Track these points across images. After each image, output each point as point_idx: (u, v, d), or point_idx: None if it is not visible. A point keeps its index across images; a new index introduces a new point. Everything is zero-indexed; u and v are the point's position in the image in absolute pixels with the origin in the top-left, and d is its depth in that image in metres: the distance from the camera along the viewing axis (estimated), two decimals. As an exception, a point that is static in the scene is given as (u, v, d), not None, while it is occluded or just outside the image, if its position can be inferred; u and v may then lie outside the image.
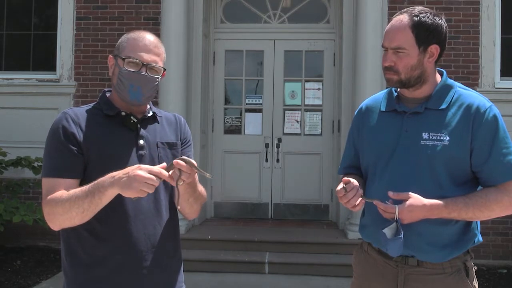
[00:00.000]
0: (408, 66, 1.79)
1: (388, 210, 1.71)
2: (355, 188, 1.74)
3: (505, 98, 5.71)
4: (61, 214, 1.56)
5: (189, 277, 4.70)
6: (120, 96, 1.73)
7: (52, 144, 1.66)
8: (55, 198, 1.57)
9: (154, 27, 5.94)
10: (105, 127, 1.71)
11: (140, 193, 1.48)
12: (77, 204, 1.53)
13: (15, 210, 4.94)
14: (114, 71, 1.74)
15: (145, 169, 1.48)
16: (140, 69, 1.70)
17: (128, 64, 1.70)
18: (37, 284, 4.86)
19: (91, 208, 1.53)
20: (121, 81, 1.70)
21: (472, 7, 5.92)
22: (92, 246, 1.66)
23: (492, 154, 1.75)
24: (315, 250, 5.42)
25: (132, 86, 1.69)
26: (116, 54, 1.74)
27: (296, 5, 6.58)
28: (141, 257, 1.68)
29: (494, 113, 1.78)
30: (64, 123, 1.66)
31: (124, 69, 1.70)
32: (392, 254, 1.78)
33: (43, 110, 6.16)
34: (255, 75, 6.72)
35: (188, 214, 1.83)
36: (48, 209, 1.59)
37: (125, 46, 1.72)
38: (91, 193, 1.52)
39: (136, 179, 1.46)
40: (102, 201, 1.53)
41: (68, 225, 1.60)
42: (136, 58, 1.69)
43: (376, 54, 5.40)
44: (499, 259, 5.76)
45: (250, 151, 6.57)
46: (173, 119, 1.89)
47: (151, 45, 1.72)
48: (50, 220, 1.61)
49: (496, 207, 1.75)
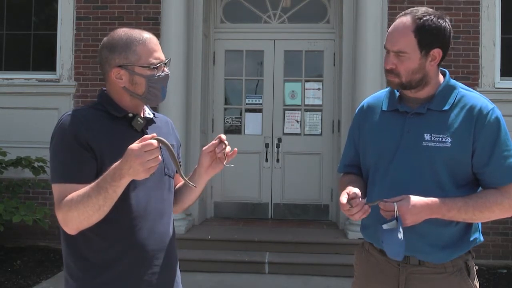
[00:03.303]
0: (409, 69, 1.77)
1: (386, 208, 1.71)
2: (360, 203, 1.72)
3: (505, 98, 5.71)
4: (77, 217, 1.54)
5: (189, 277, 4.73)
6: (150, 100, 1.72)
7: (63, 148, 1.61)
8: (67, 203, 1.55)
9: (154, 27, 5.94)
10: (114, 128, 1.69)
11: (151, 171, 1.49)
12: (91, 203, 1.52)
13: (15, 210, 4.94)
14: (135, 80, 1.68)
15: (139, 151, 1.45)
16: (163, 69, 1.72)
17: (152, 70, 1.68)
18: (37, 284, 4.85)
19: (107, 203, 1.52)
20: (153, 87, 1.69)
21: (472, 7, 5.92)
22: (102, 249, 1.64)
23: (494, 157, 1.75)
24: (315, 250, 5.42)
25: (164, 88, 1.73)
26: (124, 64, 1.67)
27: (296, 5, 6.58)
28: (152, 256, 1.69)
29: (497, 115, 1.78)
30: (74, 127, 1.62)
31: (154, 76, 1.68)
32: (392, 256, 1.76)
33: (43, 110, 6.16)
34: (255, 75, 6.72)
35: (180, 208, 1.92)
36: (62, 215, 1.57)
37: (138, 53, 1.67)
38: (103, 189, 1.50)
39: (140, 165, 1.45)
40: (117, 193, 1.52)
41: (85, 226, 1.57)
42: (160, 61, 1.69)
43: (376, 54, 5.40)
44: (499, 259, 5.76)
45: (250, 151, 6.57)
46: (166, 120, 1.92)
47: (156, 43, 1.73)
48: (67, 225, 1.58)
49: (496, 209, 1.75)
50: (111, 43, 1.70)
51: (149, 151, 1.45)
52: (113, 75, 1.69)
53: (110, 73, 1.69)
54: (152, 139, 1.47)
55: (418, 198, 1.72)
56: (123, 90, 1.70)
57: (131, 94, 1.71)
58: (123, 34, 1.70)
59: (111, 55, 1.68)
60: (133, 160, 1.45)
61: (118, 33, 1.71)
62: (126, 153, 1.47)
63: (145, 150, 1.44)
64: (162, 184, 1.76)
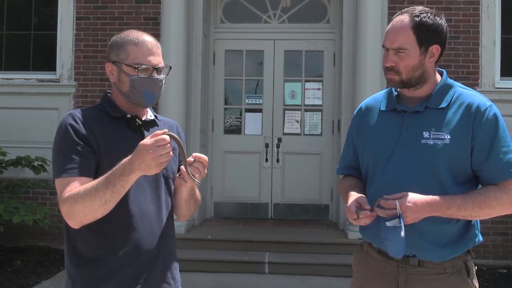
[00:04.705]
0: (410, 66, 1.79)
1: (388, 206, 1.71)
2: (369, 217, 1.74)
3: (505, 98, 5.71)
4: (82, 210, 1.55)
5: (189, 277, 4.73)
6: (134, 101, 1.73)
7: (64, 144, 1.64)
8: (73, 195, 1.56)
9: (154, 27, 5.94)
10: (112, 128, 1.71)
11: (163, 166, 1.51)
12: (98, 196, 1.52)
13: (15, 210, 4.94)
14: (121, 78, 1.73)
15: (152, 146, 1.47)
16: (151, 73, 1.71)
17: (139, 71, 1.70)
18: (37, 284, 4.85)
19: (114, 198, 1.54)
20: (135, 88, 1.70)
21: (472, 7, 5.92)
22: (97, 246, 1.66)
23: (492, 153, 1.76)
24: (315, 250, 5.42)
25: (147, 91, 1.71)
26: (116, 60, 1.72)
27: (296, 5, 6.58)
28: (148, 255, 1.70)
29: (494, 112, 1.79)
30: (73, 124, 1.65)
31: (136, 76, 1.70)
32: (392, 254, 1.76)
33: (43, 110, 6.16)
34: (255, 75, 6.72)
35: (184, 216, 1.89)
36: (66, 207, 1.58)
37: (128, 52, 1.71)
38: (111, 183, 1.52)
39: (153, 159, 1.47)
40: (125, 188, 1.54)
41: (89, 220, 1.58)
42: (147, 64, 1.70)
43: (376, 54, 5.40)
44: (499, 259, 5.76)
45: (250, 151, 6.58)
46: (172, 124, 1.93)
47: (153, 47, 1.73)
48: (70, 218, 1.59)
49: (495, 205, 1.75)
50: (113, 40, 1.78)
51: (162, 146, 1.48)
52: (107, 70, 1.76)
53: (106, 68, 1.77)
54: (163, 134, 1.50)
55: (418, 195, 1.72)
56: (116, 89, 1.76)
57: (119, 92, 1.75)
58: (126, 34, 1.76)
59: (109, 51, 1.77)
60: (145, 155, 1.47)
61: (124, 32, 1.78)
62: (137, 148, 1.50)
63: (158, 145, 1.47)
64: (159, 185, 1.77)
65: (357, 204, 1.77)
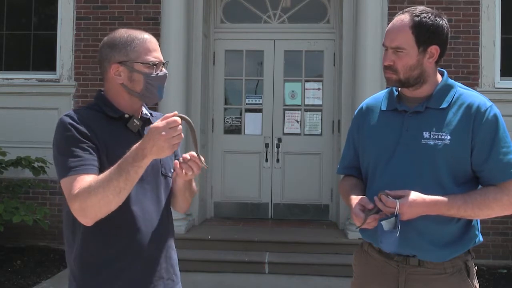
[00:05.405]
0: (407, 66, 1.79)
1: (388, 204, 1.71)
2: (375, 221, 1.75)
3: (505, 98, 5.71)
4: (96, 203, 1.51)
5: (189, 277, 4.74)
6: (147, 99, 1.74)
7: (67, 143, 1.61)
8: (84, 190, 1.52)
9: (154, 27, 5.94)
10: (110, 128, 1.70)
11: (175, 147, 1.53)
12: (112, 186, 1.50)
13: (15, 210, 4.94)
14: (134, 77, 1.70)
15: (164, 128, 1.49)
16: (161, 69, 1.74)
17: (151, 67, 1.71)
18: (37, 284, 4.85)
19: (127, 185, 1.52)
20: (151, 85, 1.71)
21: (472, 7, 5.92)
22: (100, 248, 1.65)
23: (492, 153, 1.76)
24: (315, 250, 5.42)
25: (160, 87, 1.74)
26: (124, 60, 1.70)
27: (296, 5, 6.58)
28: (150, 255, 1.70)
29: (495, 112, 1.79)
30: (74, 123, 1.64)
31: (153, 74, 1.71)
32: (385, 248, 1.78)
33: (43, 110, 6.16)
34: (255, 75, 6.72)
35: (181, 208, 1.90)
36: (79, 204, 1.53)
37: (138, 50, 1.70)
38: (125, 170, 1.50)
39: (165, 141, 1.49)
40: (138, 174, 1.53)
41: (104, 214, 1.55)
42: (158, 60, 1.72)
43: (376, 54, 5.40)
44: (499, 259, 5.76)
45: (250, 151, 6.58)
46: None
47: (155, 43, 1.76)
48: (84, 215, 1.55)
49: (495, 206, 1.75)
50: (112, 41, 1.74)
51: (173, 128, 1.50)
52: (112, 72, 1.72)
53: (109, 70, 1.72)
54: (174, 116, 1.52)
55: (419, 195, 1.73)
56: (121, 88, 1.73)
57: (129, 92, 1.73)
58: (124, 33, 1.75)
59: (111, 52, 1.72)
60: (157, 138, 1.48)
61: (119, 32, 1.76)
62: (149, 131, 1.51)
63: (170, 127, 1.49)
64: (159, 184, 1.77)
65: (361, 207, 1.78)
